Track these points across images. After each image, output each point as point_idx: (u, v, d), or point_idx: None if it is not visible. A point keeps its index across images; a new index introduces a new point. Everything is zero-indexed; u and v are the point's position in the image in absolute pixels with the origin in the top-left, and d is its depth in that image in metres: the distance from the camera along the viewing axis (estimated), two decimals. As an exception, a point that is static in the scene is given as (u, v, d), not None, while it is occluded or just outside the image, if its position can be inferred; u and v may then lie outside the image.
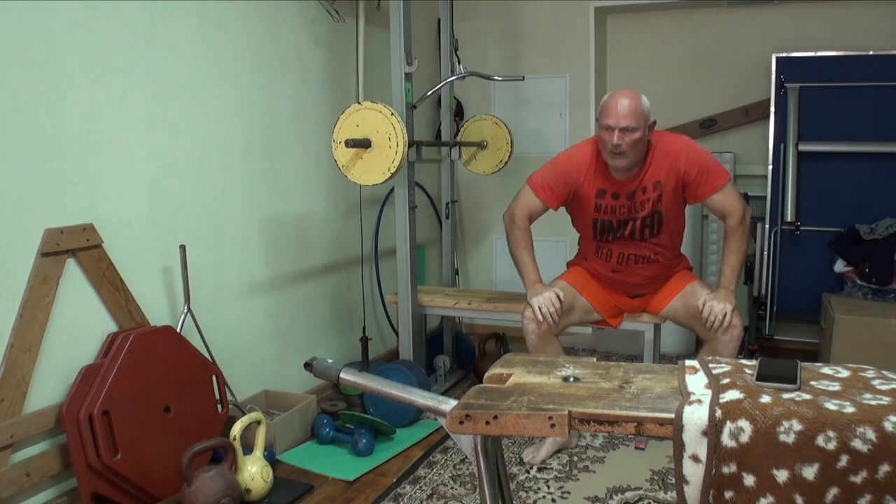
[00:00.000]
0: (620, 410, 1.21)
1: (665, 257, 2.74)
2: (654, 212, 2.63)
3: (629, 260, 2.74)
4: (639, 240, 2.68)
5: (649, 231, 2.66)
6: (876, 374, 1.28)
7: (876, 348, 3.12)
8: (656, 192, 2.60)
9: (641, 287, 2.80)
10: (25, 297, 2.10)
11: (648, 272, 2.76)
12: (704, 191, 2.59)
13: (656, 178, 2.59)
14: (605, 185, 2.64)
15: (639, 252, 2.71)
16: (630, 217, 2.65)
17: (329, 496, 2.50)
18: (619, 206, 2.65)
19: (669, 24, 4.08)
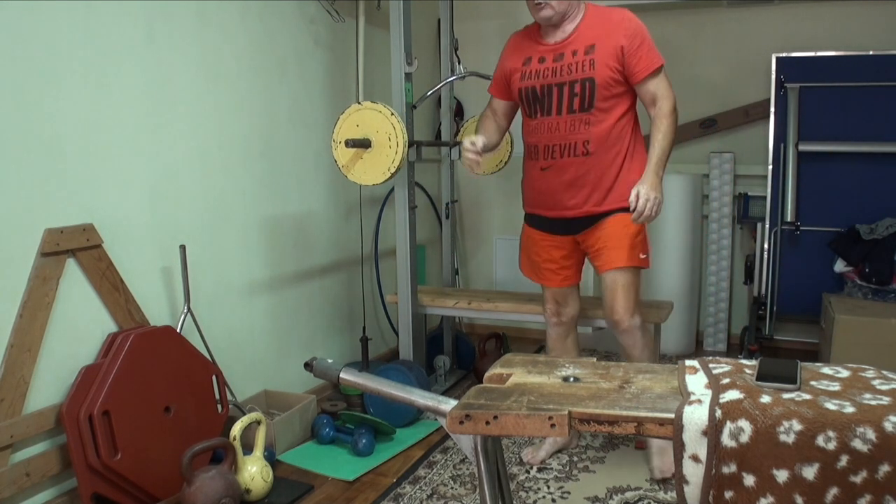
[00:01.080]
0: (620, 410, 1.21)
1: (598, 155, 2.41)
2: (585, 79, 2.36)
3: (555, 152, 2.45)
4: (567, 113, 2.39)
5: (580, 102, 2.37)
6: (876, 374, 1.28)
7: (876, 348, 3.12)
8: (588, 57, 2.36)
9: (572, 194, 2.46)
10: (25, 297, 2.10)
11: (577, 169, 2.43)
12: (643, 66, 2.34)
13: (589, 41, 2.37)
14: (532, 51, 2.46)
15: (566, 139, 2.42)
16: (556, 82, 2.40)
17: (329, 496, 2.50)
18: (543, 70, 2.42)
19: (669, 24, 4.08)
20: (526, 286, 4.28)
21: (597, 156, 2.41)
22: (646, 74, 2.35)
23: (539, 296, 3.48)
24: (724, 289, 4.06)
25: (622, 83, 2.38)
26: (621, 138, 2.42)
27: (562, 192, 2.47)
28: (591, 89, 2.36)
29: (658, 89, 2.38)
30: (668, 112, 2.36)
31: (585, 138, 2.40)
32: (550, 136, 2.45)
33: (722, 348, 4.08)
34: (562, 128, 2.42)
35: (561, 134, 2.43)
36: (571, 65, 2.38)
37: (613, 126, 2.40)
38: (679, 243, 3.94)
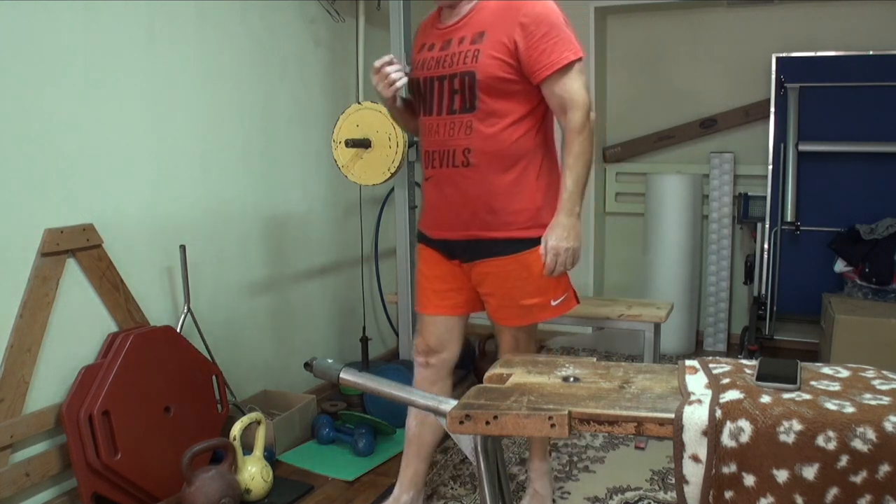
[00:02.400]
0: (620, 410, 1.21)
1: (483, 168, 1.93)
2: (465, 72, 1.90)
3: (435, 160, 2.01)
4: (447, 113, 1.95)
5: (460, 101, 1.92)
6: (876, 374, 1.28)
7: (876, 348, 3.12)
8: (474, 46, 1.90)
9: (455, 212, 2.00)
10: (25, 297, 2.10)
11: (458, 183, 1.97)
12: (544, 63, 1.85)
13: (481, 27, 1.92)
14: (428, 36, 2.06)
15: (444, 145, 1.97)
16: (438, 74, 1.96)
17: (329, 496, 2.50)
18: (429, 59, 2.00)
19: (669, 24, 4.08)
20: (526, 286, 4.29)
21: (480, 169, 1.93)
22: (548, 73, 1.86)
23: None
24: (724, 289, 4.06)
25: (517, 81, 1.90)
26: (517, 149, 1.94)
27: (444, 210, 2.03)
28: (471, 86, 1.90)
29: (566, 93, 1.88)
30: (578, 126, 1.88)
31: (466, 146, 1.93)
32: (431, 140, 2.01)
33: (722, 348, 4.08)
34: (441, 130, 1.97)
35: (440, 138, 1.98)
36: (455, 54, 1.93)
37: (503, 133, 1.92)
38: (679, 243, 3.94)
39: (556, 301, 2.04)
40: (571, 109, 1.88)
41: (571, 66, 1.88)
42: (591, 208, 4.22)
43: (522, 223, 1.96)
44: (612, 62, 4.26)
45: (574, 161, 1.90)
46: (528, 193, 1.96)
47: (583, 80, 1.91)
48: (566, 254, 1.92)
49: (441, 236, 2.06)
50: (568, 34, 1.92)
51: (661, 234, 3.96)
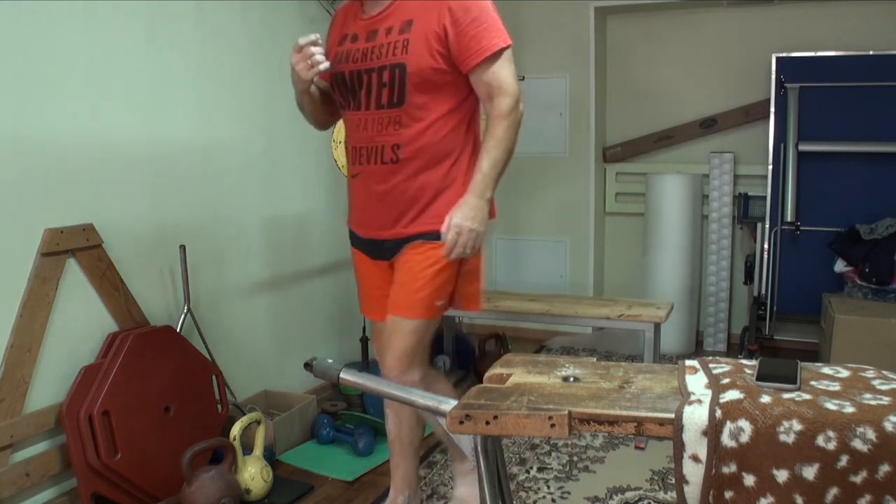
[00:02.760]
0: (620, 410, 1.21)
1: (412, 164, 1.88)
2: (395, 65, 1.82)
3: (363, 157, 1.94)
4: (376, 108, 1.88)
5: (389, 94, 1.85)
6: (876, 374, 1.28)
7: (876, 348, 3.12)
8: (403, 36, 1.83)
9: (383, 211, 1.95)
10: (25, 297, 2.10)
11: (387, 180, 1.91)
12: (474, 51, 1.80)
13: (408, 15, 1.84)
14: (350, 27, 1.95)
15: (373, 141, 1.90)
16: (366, 67, 1.87)
17: (329, 496, 2.50)
18: (354, 51, 1.90)
19: (669, 24, 4.08)
20: (526, 286, 4.30)
21: (410, 164, 1.88)
22: (478, 61, 1.81)
23: (541, 295, 3.49)
24: (724, 289, 4.06)
25: (449, 72, 1.84)
26: (447, 144, 1.89)
27: (373, 208, 1.97)
28: (401, 79, 1.83)
29: (495, 80, 1.83)
30: (504, 111, 1.83)
31: (395, 141, 1.87)
32: (359, 137, 1.94)
33: (722, 348, 4.08)
34: (370, 126, 1.90)
35: (369, 134, 1.91)
36: (383, 46, 1.85)
37: (433, 127, 1.87)
38: (679, 243, 3.94)
39: (441, 302, 1.95)
40: (499, 95, 1.83)
41: (501, 53, 1.83)
42: (592, 208, 4.23)
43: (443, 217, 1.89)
44: (612, 62, 4.26)
45: (495, 145, 1.84)
46: (457, 189, 1.91)
47: (512, 68, 1.86)
48: (468, 235, 1.84)
49: (370, 235, 2.01)
50: (496, 20, 1.84)
51: (661, 234, 3.96)
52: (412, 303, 1.93)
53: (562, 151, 4.27)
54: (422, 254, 1.91)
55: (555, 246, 4.37)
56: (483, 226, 1.86)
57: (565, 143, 4.26)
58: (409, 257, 1.93)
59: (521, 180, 4.38)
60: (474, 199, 1.84)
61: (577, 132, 4.20)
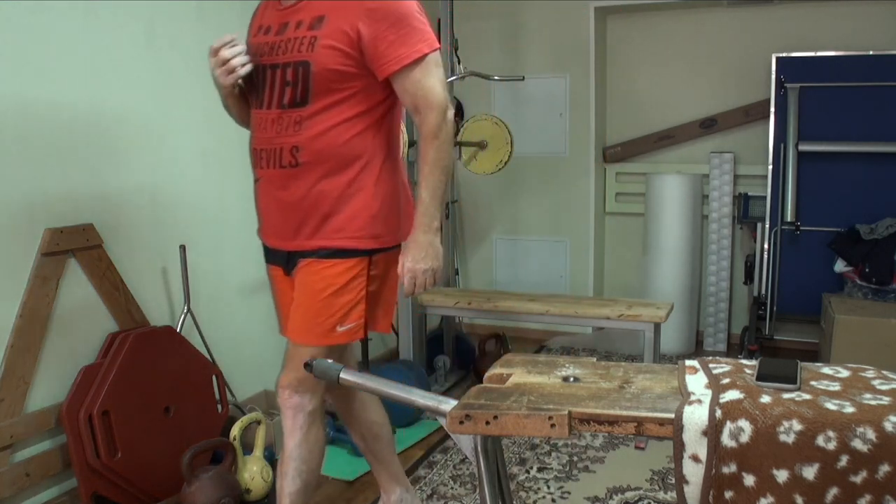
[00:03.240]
0: (620, 410, 1.21)
1: (311, 169, 1.72)
2: (299, 62, 1.68)
3: (262, 159, 1.79)
4: (277, 106, 1.73)
5: (292, 93, 1.70)
6: (876, 374, 1.28)
7: (876, 348, 3.12)
8: (312, 32, 1.68)
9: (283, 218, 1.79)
10: (25, 297, 2.10)
11: (285, 186, 1.75)
12: (392, 57, 1.64)
13: (321, 10, 1.69)
14: (266, 18, 1.81)
15: (272, 142, 1.75)
16: (272, 62, 1.73)
17: (329, 496, 2.50)
18: (264, 45, 1.77)
19: (669, 24, 4.08)
20: (526, 286, 4.30)
21: (310, 169, 1.72)
22: (397, 68, 1.65)
23: (541, 295, 3.49)
24: (724, 289, 4.06)
25: (359, 76, 1.69)
26: (353, 148, 1.72)
27: (275, 216, 1.82)
28: (304, 78, 1.68)
29: (419, 91, 1.67)
30: (433, 130, 1.68)
31: (294, 143, 1.71)
32: (260, 138, 1.79)
33: (722, 348, 4.08)
34: (270, 127, 1.75)
35: (269, 135, 1.76)
36: (290, 41, 1.71)
37: (335, 130, 1.71)
38: (679, 243, 3.94)
39: (343, 327, 1.78)
40: (426, 110, 1.68)
41: (425, 58, 1.66)
42: (592, 208, 4.23)
43: (353, 231, 1.75)
44: (612, 62, 4.26)
45: (430, 170, 1.70)
46: (364, 199, 1.75)
47: (439, 75, 1.69)
48: (424, 276, 1.73)
49: (276, 245, 1.85)
50: (421, 22, 1.68)
51: (661, 234, 3.96)
52: (307, 329, 1.78)
53: (562, 151, 4.27)
54: (316, 274, 1.74)
55: (555, 246, 4.37)
56: (437, 260, 1.74)
57: (565, 143, 4.26)
58: (303, 278, 1.77)
59: (521, 180, 4.38)
60: (422, 236, 1.71)
61: (577, 132, 4.20)
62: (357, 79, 1.69)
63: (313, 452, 1.86)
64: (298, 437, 1.83)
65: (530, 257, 4.44)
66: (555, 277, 4.38)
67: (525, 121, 4.27)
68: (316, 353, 1.73)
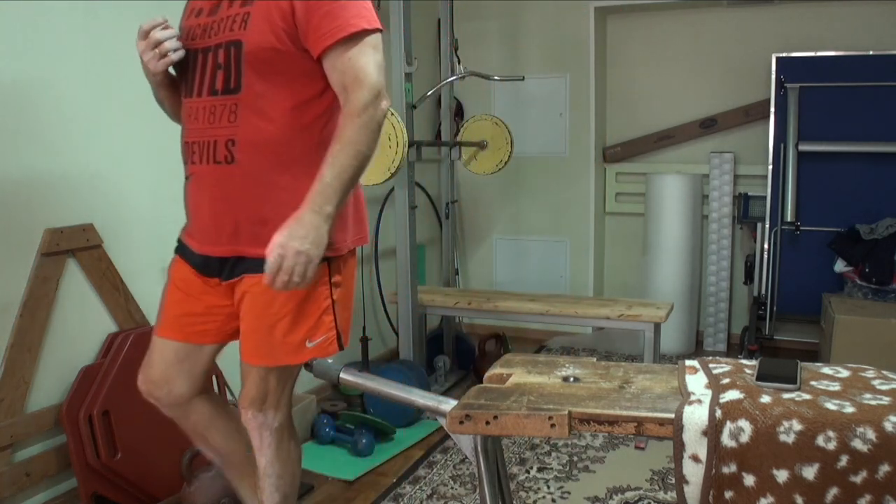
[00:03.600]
0: (620, 410, 1.21)
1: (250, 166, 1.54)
2: (231, 42, 1.52)
3: (195, 154, 1.60)
4: (208, 93, 1.55)
5: (224, 78, 1.53)
6: (876, 374, 1.28)
7: (876, 348, 3.12)
8: (244, 9, 1.52)
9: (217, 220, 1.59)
10: (25, 297, 2.10)
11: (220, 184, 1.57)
12: (324, 32, 1.48)
13: None
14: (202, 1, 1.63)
15: (204, 135, 1.57)
16: (202, 46, 1.57)
17: (329, 496, 2.50)
18: (196, 27, 1.60)
19: (669, 24, 4.08)
20: (526, 286, 4.30)
21: (248, 166, 1.54)
22: (329, 43, 1.48)
23: (541, 295, 3.49)
24: (724, 289, 4.06)
25: (298, 56, 1.52)
26: (297, 144, 1.56)
27: (206, 218, 1.61)
28: (236, 59, 1.51)
29: (350, 69, 1.50)
30: (358, 107, 1.49)
31: (229, 136, 1.53)
32: (191, 129, 1.61)
33: (722, 348, 4.08)
34: (202, 117, 1.57)
35: (199, 126, 1.57)
36: (223, 20, 1.55)
37: (277, 122, 1.54)
38: (679, 243, 3.94)
39: (312, 342, 1.62)
40: (354, 88, 1.49)
41: (362, 36, 1.50)
42: (592, 208, 4.23)
43: None
44: (612, 62, 4.26)
45: (341, 148, 1.48)
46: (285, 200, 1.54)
47: (376, 58, 1.52)
48: (296, 258, 1.44)
49: (205, 251, 1.62)
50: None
51: (661, 234, 3.96)
52: (271, 348, 1.62)
53: (562, 151, 4.27)
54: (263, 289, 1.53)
55: (555, 246, 4.37)
56: (317, 247, 1.47)
57: (565, 143, 4.26)
58: (256, 292, 1.57)
59: (521, 180, 4.38)
60: (308, 215, 1.46)
61: (577, 132, 4.21)
62: (294, 60, 1.52)
63: (287, 466, 1.75)
64: (269, 454, 1.72)
65: (530, 257, 4.45)
66: (555, 277, 4.38)
67: (525, 121, 4.27)
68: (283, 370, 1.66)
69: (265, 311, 1.59)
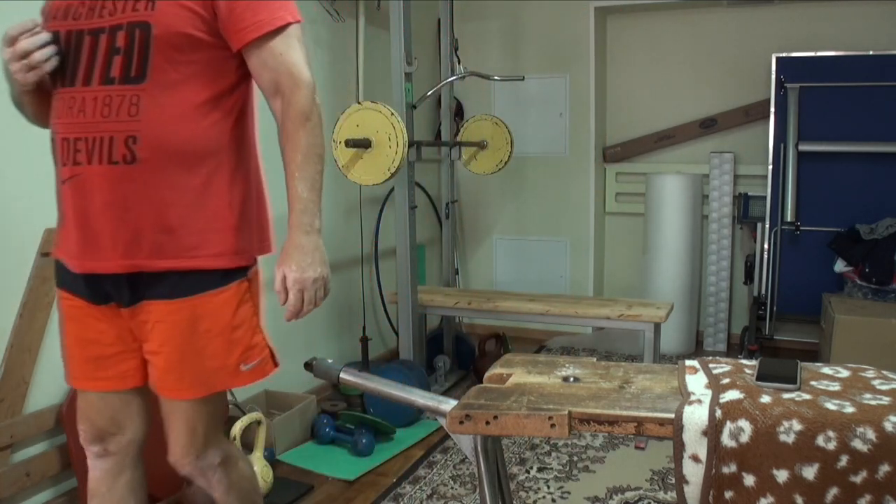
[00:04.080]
0: (620, 410, 1.21)
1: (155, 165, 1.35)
2: (135, 24, 1.32)
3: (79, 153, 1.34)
4: (101, 82, 1.33)
5: (123, 65, 1.32)
6: (876, 374, 1.28)
7: (876, 348, 3.12)
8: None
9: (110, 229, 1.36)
10: (25, 297, 2.10)
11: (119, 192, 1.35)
12: (253, 20, 1.36)
13: None
14: None
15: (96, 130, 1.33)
16: (90, 27, 1.34)
17: (329, 496, 2.50)
18: (80, 4, 1.37)
19: (669, 24, 4.08)
20: (526, 286, 4.30)
21: (153, 167, 1.35)
22: (255, 36, 1.37)
23: (540, 295, 3.49)
24: (724, 289, 4.06)
25: (213, 45, 1.38)
26: (208, 142, 1.41)
27: (95, 228, 1.37)
28: (142, 44, 1.32)
29: (283, 66, 1.40)
30: (304, 111, 1.43)
31: (131, 132, 1.33)
32: (70, 123, 1.36)
33: (722, 348, 4.08)
34: (88, 108, 1.33)
35: (87, 119, 1.34)
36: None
37: (188, 116, 1.37)
38: (679, 243, 3.94)
39: (248, 365, 1.49)
40: (292, 88, 1.41)
41: (287, 29, 1.40)
42: (592, 208, 4.23)
43: (211, 249, 1.43)
44: (612, 62, 4.26)
45: (305, 159, 1.43)
46: (220, 207, 1.44)
47: (303, 51, 1.43)
48: (314, 286, 1.43)
49: (89, 269, 1.39)
50: None
51: (661, 234, 3.96)
52: (203, 378, 1.45)
53: (562, 151, 4.27)
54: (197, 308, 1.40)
55: (555, 246, 4.37)
56: (326, 266, 1.46)
57: (565, 143, 4.26)
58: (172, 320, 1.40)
59: (521, 180, 4.38)
60: (304, 239, 1.43)
61: (577, 132, 4.21)
62: (206, 49, 1.37)
63: (244, 487, 1.65)
64: (223, 489, 1.61)
65: (530, 257, 4.45)
66: (555, 277, 4.38)
67: (525, 121, 4.27)
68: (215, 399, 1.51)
69: (190, 339, 1.42)
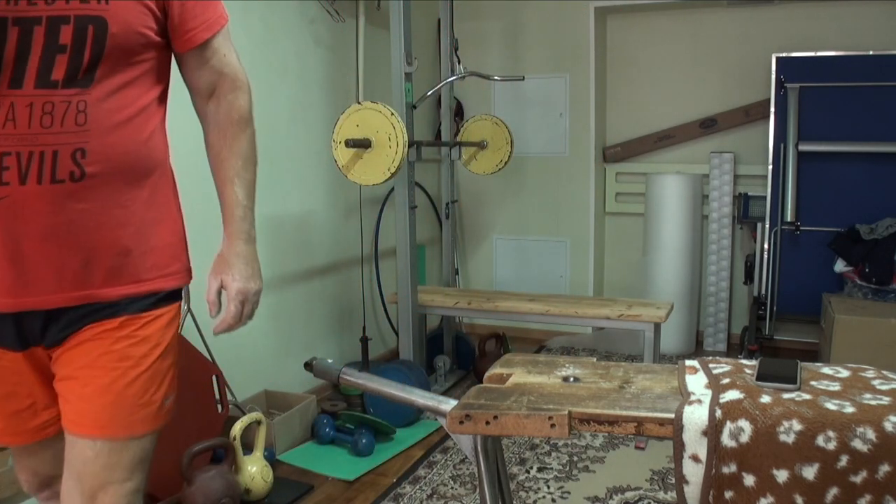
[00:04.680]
0: (620, 410, 1.21)
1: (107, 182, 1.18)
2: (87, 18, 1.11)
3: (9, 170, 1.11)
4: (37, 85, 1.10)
5: (68, 66, 1.12)
6: (876, 374, 1.28)
7: (876, 348, 3.12)
8: None
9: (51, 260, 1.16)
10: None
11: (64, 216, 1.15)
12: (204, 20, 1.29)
13: None
14: None
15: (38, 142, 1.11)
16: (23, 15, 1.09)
17: (329, 496, 2.50)
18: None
19: (669, 24, 4.08)
20: (526, 286, 4.30)
21: (101, 184, 1.18)
22: (207, 36, 1.31)
23: (541, 295, 3.49)
24: (724, 289, 4.06)
25: (160, 46, 1.26)
26: (153, 151, 1.28)
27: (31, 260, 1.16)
28: (95, 42, 1.13)
29: (227, 67, 1.36)
30: (245, 117, 1.38)
31: (78, 144, 1.14)
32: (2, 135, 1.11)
33: (722, 348, 4.08)
34: (21, 117, 1.10)
35: (20, 131, 1.10)
36: None
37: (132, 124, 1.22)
38: (679, 243, 3.94)
39: (169, 399, 1.32)
40: (234, 90, 1.36)
41: (225, 28, 1.35)
42: (592, 208, 4.23)
43: (165, 265, 1.31)
44: (612, 62, 4.26)
45: (245, 165, 1.35)
46: (170, 218, 1.34)
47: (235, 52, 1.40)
48: (255, 298, 1.35)
49: (23, 306, 1.18)
50: None
51: (661, 234, 3.96)
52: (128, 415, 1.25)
53: (562, 151, 4.27)
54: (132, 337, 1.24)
55: (555, 246, 4.37)
56: (261, 279, 1.38)
57: (565, 143, 4.26)
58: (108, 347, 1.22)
59: (521, 180, 4.38)
60: (245, 247, 1.35)
61: (577, 132, 4.21)
62: (153, 50, 1.24)
63: None
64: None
65: (530, 257, 4.45)
66: (555, 277, 4.38)
67: (525, 121, 4.27)
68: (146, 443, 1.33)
69: (118, 366, 1.22)
